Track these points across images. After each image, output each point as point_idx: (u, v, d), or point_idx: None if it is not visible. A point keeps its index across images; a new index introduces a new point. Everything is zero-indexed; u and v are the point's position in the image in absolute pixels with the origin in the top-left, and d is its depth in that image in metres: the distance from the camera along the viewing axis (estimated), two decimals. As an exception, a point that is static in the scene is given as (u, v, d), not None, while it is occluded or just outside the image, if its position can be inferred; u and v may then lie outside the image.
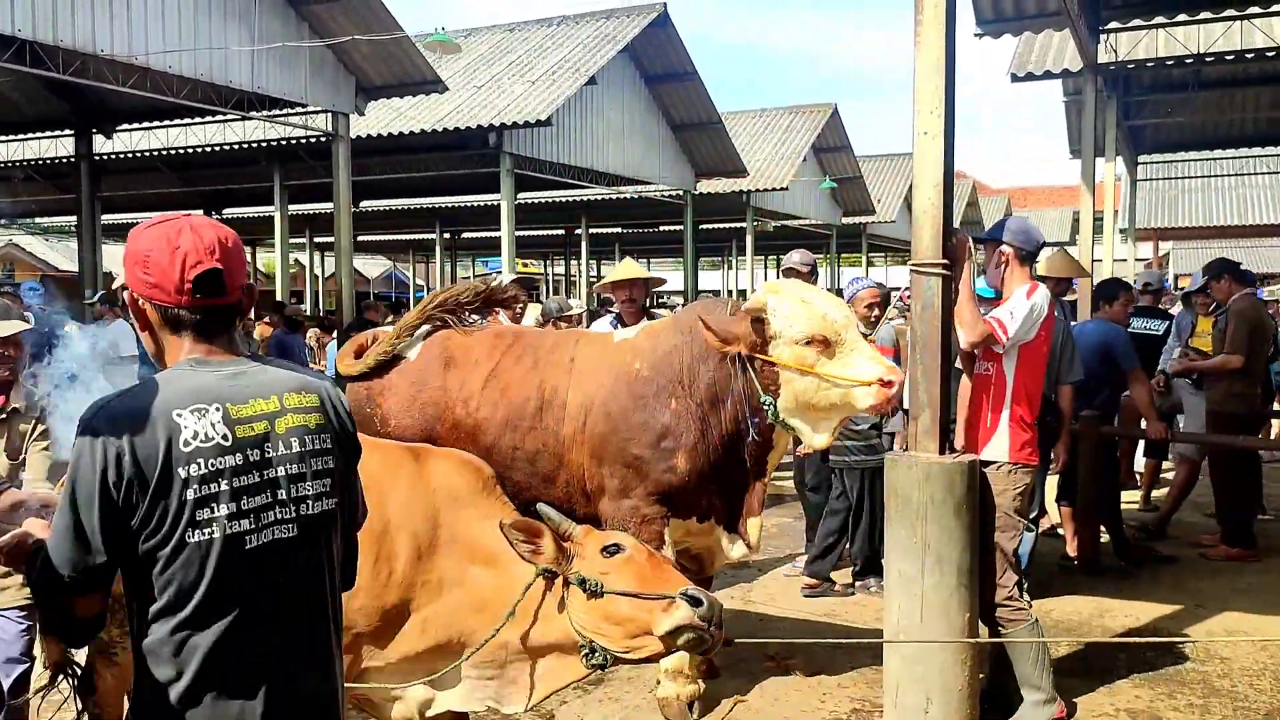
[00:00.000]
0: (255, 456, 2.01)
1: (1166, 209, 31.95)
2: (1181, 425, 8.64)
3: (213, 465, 1.95)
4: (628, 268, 6.90)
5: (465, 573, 3.25)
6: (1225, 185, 31.80)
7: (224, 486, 1.95)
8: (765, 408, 4.34)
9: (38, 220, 36.93)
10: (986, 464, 4.68)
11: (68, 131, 17.57)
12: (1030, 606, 4.80)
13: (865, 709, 4.89)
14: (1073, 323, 7.67)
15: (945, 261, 4.52)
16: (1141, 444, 9.33)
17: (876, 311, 6.91)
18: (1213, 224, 32.38)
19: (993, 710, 4.69)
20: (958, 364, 4.83)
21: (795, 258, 6.86)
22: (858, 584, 6.89)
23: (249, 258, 27.83)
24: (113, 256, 31.81)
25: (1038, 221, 5.47)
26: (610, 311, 7.33)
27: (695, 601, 2.83)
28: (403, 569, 3.20)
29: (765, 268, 44.64)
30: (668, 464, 4.44)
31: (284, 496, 2.04)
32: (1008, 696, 4.74)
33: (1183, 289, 11.89)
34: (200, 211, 27.83)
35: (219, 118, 16.45)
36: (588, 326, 8.34)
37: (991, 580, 4.62)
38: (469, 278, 49.49)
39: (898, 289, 21.78)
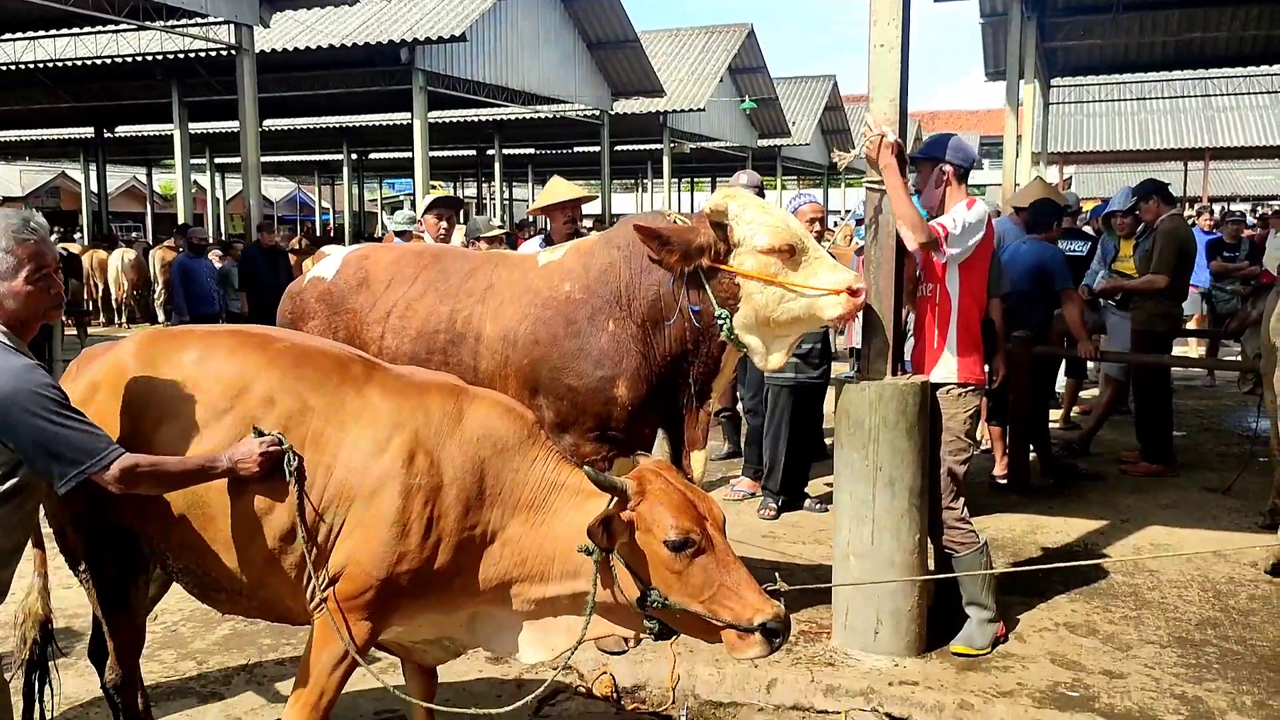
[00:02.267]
0: None
1: (1072, 133, 32.56)
2: (1105, 345, 8.78)
3: None
4: (562, 188, 6.58)
5: (509, 524, 3.10)
6: (1128, 110, 32.49)
7: None
8: (719, 324, 4.09)
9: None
10: (935, 387, 4.63)
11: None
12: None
13: (813, 630, 4.89)
14: (1009, 244, 7.70)
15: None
16: (1063, 363, 9.49)
17: (818, 227, 6.81)
18: (1116, 148, 33.11)
19: (938, 629, 4.72)
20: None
21: (743, 179, 6.67)
22: (806, 505, 6.89)
23: (145, 179, 26.94)
24: (-3, 177, 30.28)
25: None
26: (539, 234, 7.09)
27: (773, 634, 2.76)
28: (452, 526, 3.04)
29: (680, 190, 44.45)
30: (607, 394, 4.19)
31: None
32: (953, 615, 4.77)
33: (1085, 213, 12.06)
34: (90, 129, 26.62)
35: (111, 27, 15.51)
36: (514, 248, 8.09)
37: (939, 502, 4.61)
38: (377, 200, 48.48)
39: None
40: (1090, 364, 9.29)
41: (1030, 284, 7.10)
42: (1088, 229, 10.57)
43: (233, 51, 14.09)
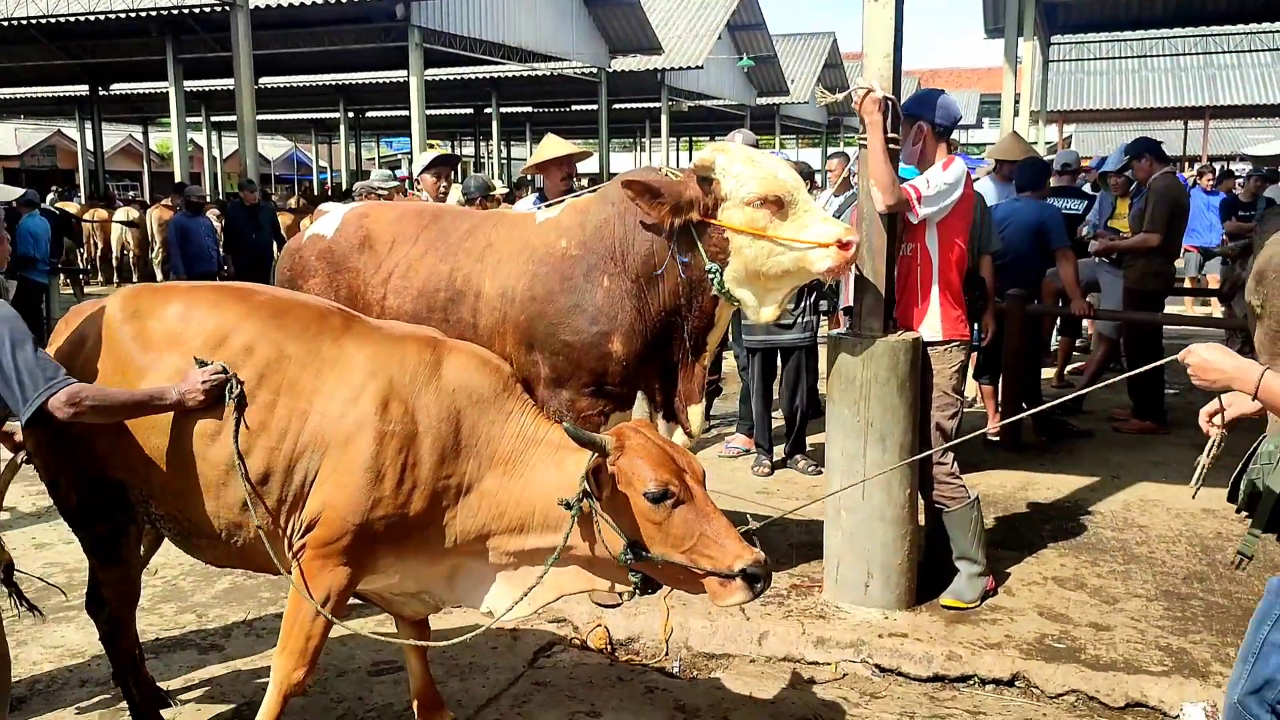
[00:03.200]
0: None
1: (1072, 91, 32.33)
2: (1099, 304, 8.80)
3: None
4: (555, 145, 6.56)
5: (486, 477, 3.15)
6: (1128, 68, 32.24)
7: None
8: (710, 278, 4.11)
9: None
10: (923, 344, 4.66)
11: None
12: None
13: (804, 584, 4.95)
14: (1006, 200, 7.70)
15: (895, 135, 4.40)
16: (1057, 322, 9.52)
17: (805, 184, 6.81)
18: (1116, 107, 32.90)
19: (928, 583, 4.78)
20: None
21: (738, 138, 6.64)
22: (789, 461, 6.94)
23: (141, 137, 26.72)
24: (-8, 135, 30.05)
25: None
26: (535, 191, 7.09)
27: (754, 579, 2.81)
28: (426, 474, 3.09)
29: (679, 149, 44.20)
30: (602, 349, 4.21)
31: None
32: (943, 569, 4.83)
33: (1083, 174, 12.02)
34: (85, 87, 26.39)
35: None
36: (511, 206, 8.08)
37: (930, 458, 4.65)
38: (374, 159, 48.16)
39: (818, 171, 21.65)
40: (1084, 323, 9.31)
41: (1028, 243, 7.11)
42: (1087, 187, 10.56)
43: (227, 7, 13.97)
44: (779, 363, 6.87)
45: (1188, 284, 11.37)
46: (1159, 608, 4.73)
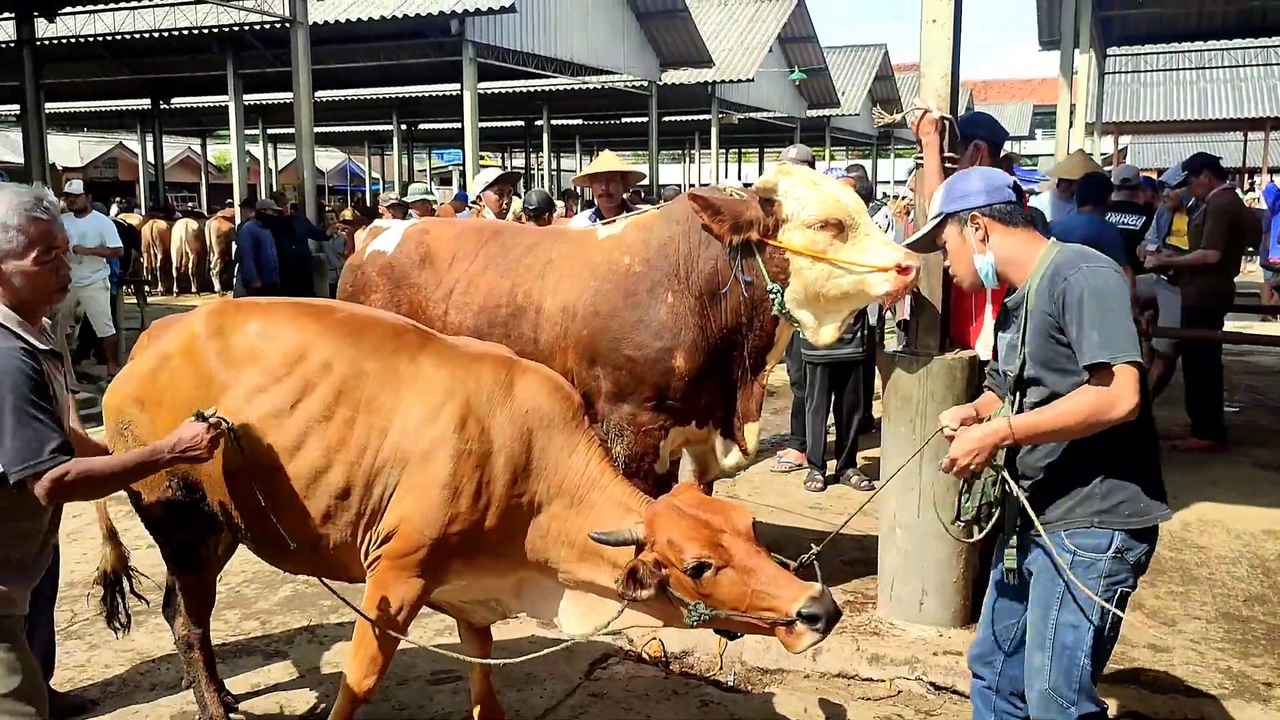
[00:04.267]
0: None
1: (1128, 103, 31.92)
2: (1157, 321, 8.70)
3: None
4: (607, 159, 6.71)
5: (555, 502, 3.23)
6: (1186, 79, 31.77)
7: None
8: (771, 298, 4.16)
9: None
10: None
11: (7, 15, 16.73)
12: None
13: (858, 601, 4.96)
14: (1062, 215, 7.66)
15: (952, 155, 4.42)
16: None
17: None
18: (1173, 118, 32.43)
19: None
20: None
21: (792, 153, 6.71)
22: (841, 477, 6.95)
23: (199, 149, 27.09)
24: (57, 148, 30.81)
25: (996, 116, 5.35)
26: (587, 205, 7.18)
27: (814, 619, 2.82)
28: (500, 491, 3.18)
29: (728, 161, 44.21)
30: (665, 365, 4.27)
31: None
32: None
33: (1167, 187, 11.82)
34: (147, 101, 27.01)
35: (170, 1, 15.77)
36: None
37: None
38: (425, 170, 48.61)
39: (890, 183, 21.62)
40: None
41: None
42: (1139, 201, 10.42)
43: (287, 24, 14.23)
44: (836, 377, 6.87)
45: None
46: (1219, 630, 4.69)
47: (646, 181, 24.82)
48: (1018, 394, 3.04)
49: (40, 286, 2.75)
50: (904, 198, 6.04)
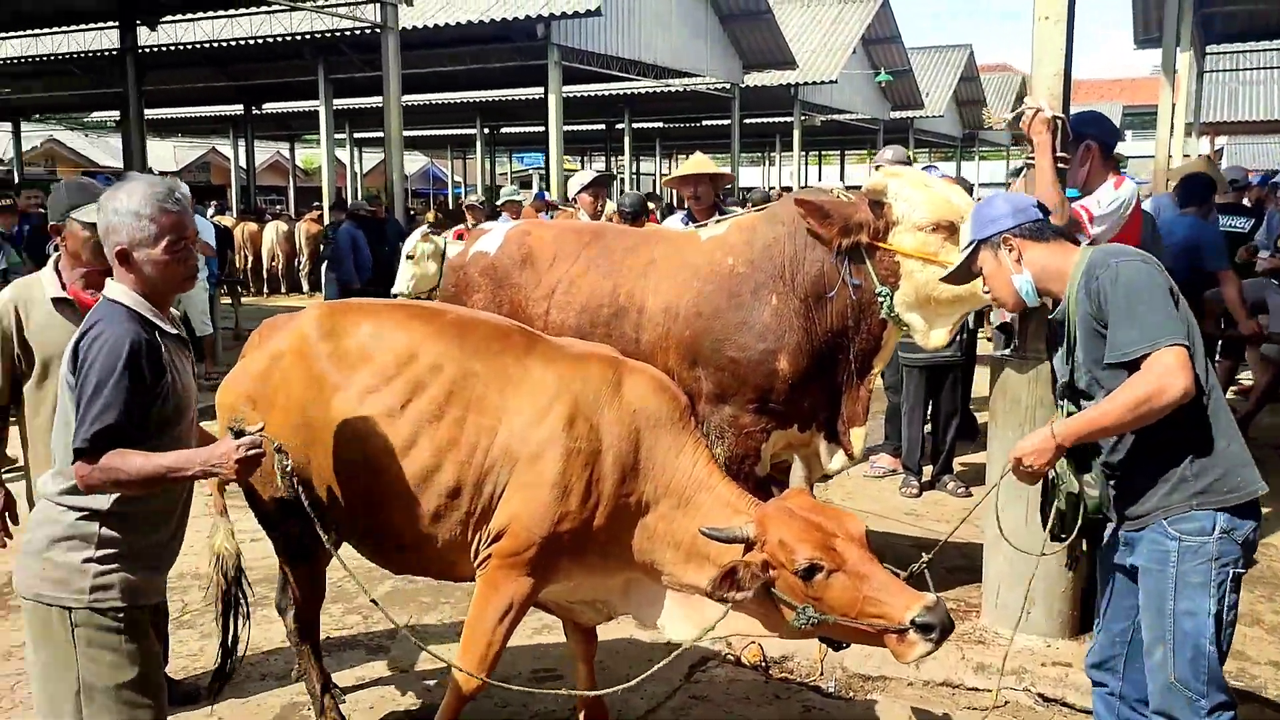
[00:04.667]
0: None
1: (1226, 102, 30.98)
2: (1268, 326, 8.41)
3: None
4: (698, 161, 6.69)
5: (662, 502, 3.23)
6: (1286, 77, 30.71)
7: None
8: (880, 301, 4.14)
9: (76, 115, 36.85)
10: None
11: (111, 24, 17.29)
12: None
13: (962, 609, 4.87)
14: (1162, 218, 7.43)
15: (1064, 155, 4.31)
16: (1219, 344, 9.12)
17: None
18: (1273, 118, 31.39)
19: (1092, 613, 4.65)
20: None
21: (888, 154, 6.63)
22: (938, 483, 6.84)
23: (288, 153, 27.70)
24: (154, 153, 31.82)
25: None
26: (681, 209, 7.18)
27: (928, 628, 2.77)
28: (609, 491, 3.19)
29: (807, 164, 43.86)
30: (769, 367, 4.26)
31: None
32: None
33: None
34: (239, 107, 27.72)
35: (265, 8, 16.15)
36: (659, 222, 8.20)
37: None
38: (506, 174, 49.18)
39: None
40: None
41: (1180, 262, 6.84)
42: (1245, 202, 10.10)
43: (378, 29, 14.48)
44: (933, 381, 6.77)
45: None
46: (1344, 647, 4.51)
47: (728, 185, 24.78)
48: (1066, 401, 3.09)
49: (170, 276, 2.80)
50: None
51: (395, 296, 8.30)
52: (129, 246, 2.75)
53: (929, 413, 6.84)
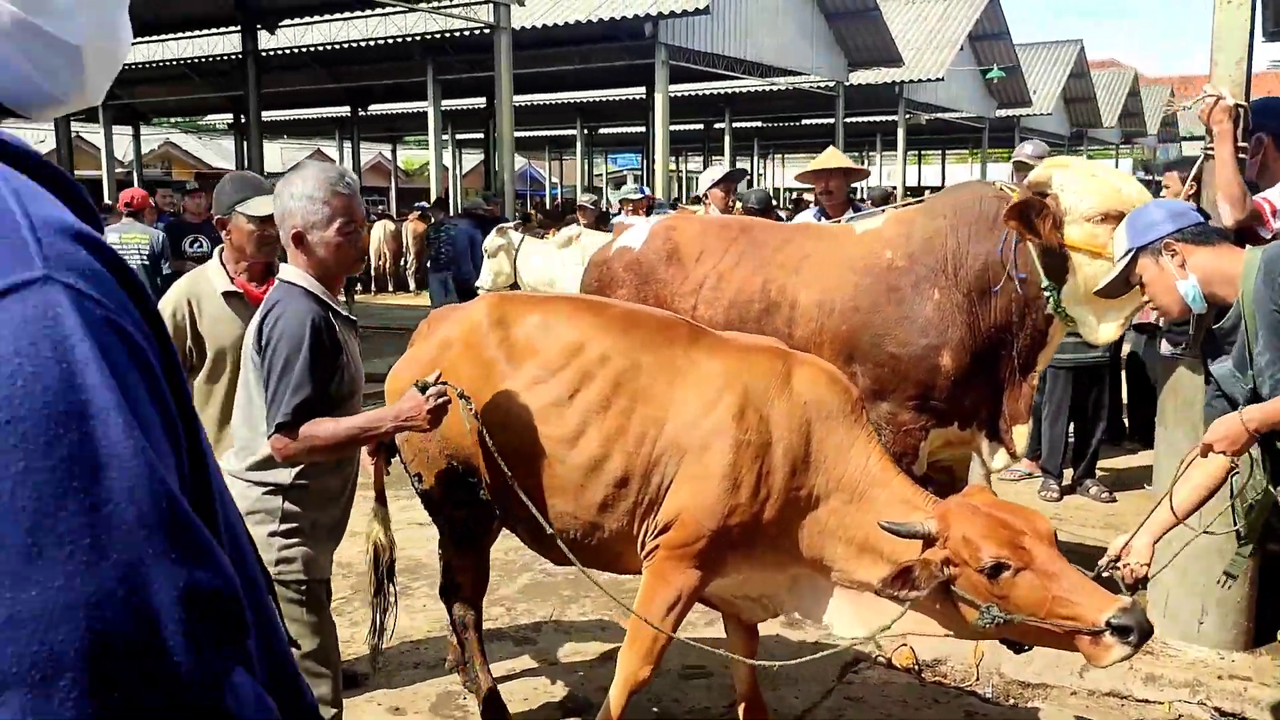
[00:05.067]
0: None
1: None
2: None
3: None
4: (831, 156, 6.62)
5: (833, 496, 3.17)
6: None
7: None
8: (1046, 296, 4.00)
9: (191, 119, 38.09)
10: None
11: (233, 29, 17.80)
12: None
13: (1121, 617, 4.69)
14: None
15: (1245, 145, 4.13)
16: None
17: None
18: None
19: (1267, 625, 4.45)
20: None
21: (1027, 149, 6.46)
22: (1079, 487, 6.64)
23: (390, 155, 28.28)
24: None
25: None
26: (813, 205, 7.10)
27: (1125, 631, 2.65)
28: (780, 483, 3.14)
29: (906, 163, 43.17)
30: (931, 362, 4.15)
31: None
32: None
33: None
34: (346, 108, 28.34)
35: (379, 10, 16.47)
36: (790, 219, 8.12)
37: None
38: (601, 175, 49.50)
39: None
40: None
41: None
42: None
43: (488, 30, 14.63)
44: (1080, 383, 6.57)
45: None
46: None
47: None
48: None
49: (342, 257, 2.91)
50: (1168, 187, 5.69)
51: (478, 291, 8.41)
52: (304, 229, 2.85)
53: (1074, 415, 6.64)
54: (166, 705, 0.72)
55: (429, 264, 13.50)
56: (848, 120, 28.21)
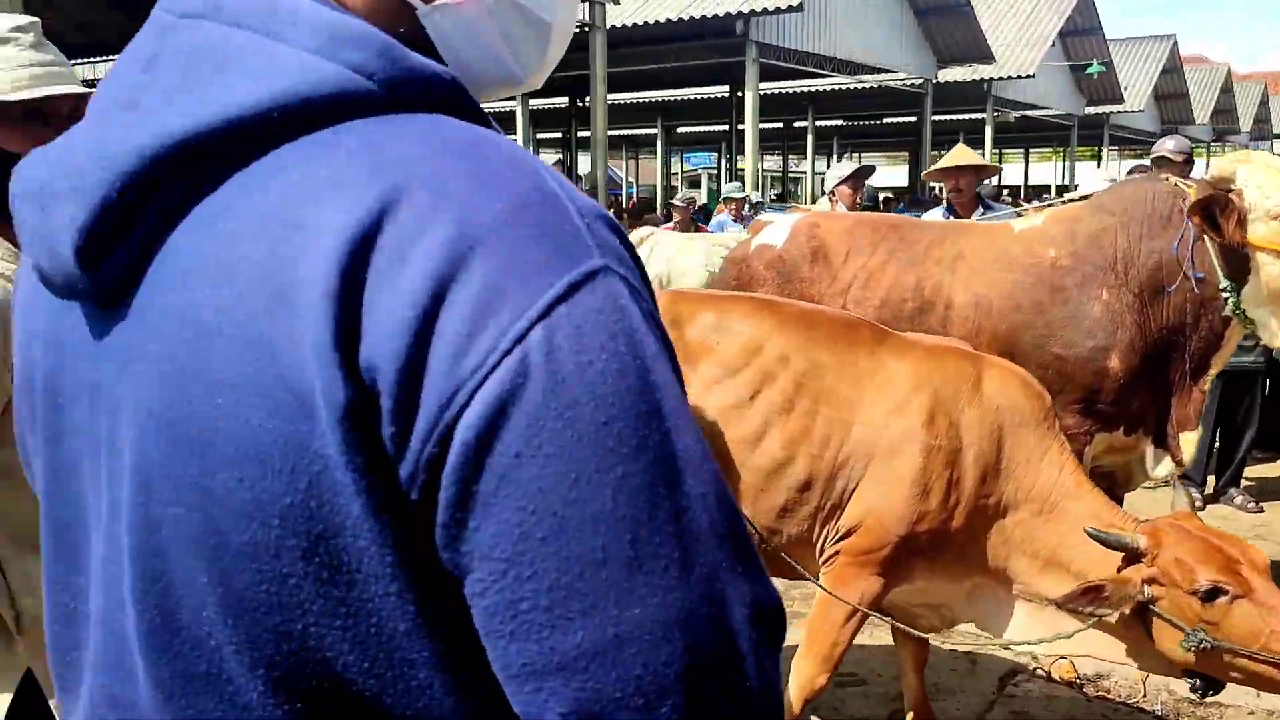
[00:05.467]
0: None
1: None
2: None
3: None
4: (961, 153, 6.50)
5: (1022, 506, 3.06)
6: None
7: None
8: (1224, 297, 3.83)
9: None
10: None
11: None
12: None
13: None
14: None
15: None
16: None
17: None
18: None
19: None
20: None
21: (1169, 145, 6.25)
22: (1223, 496, 6.40)
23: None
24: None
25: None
26: (939, 203, 6.95)
27: None
28: (969, 491, 3.04)
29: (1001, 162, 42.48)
30: (1098, 365, 3.99)
31: None
32: None
33: None
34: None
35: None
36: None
37: None
38: (677, 174, 49.46)
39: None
40: None
41: None
42: None
43: (586, 28, 14.62)
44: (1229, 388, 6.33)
45: None
46: None
47: (907, 183, 24.12)
48: None
49: None
50: None
51: None
52: None
53: (1220, 421, 6.39)
54: None
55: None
56: (932, 118, 27.85)
